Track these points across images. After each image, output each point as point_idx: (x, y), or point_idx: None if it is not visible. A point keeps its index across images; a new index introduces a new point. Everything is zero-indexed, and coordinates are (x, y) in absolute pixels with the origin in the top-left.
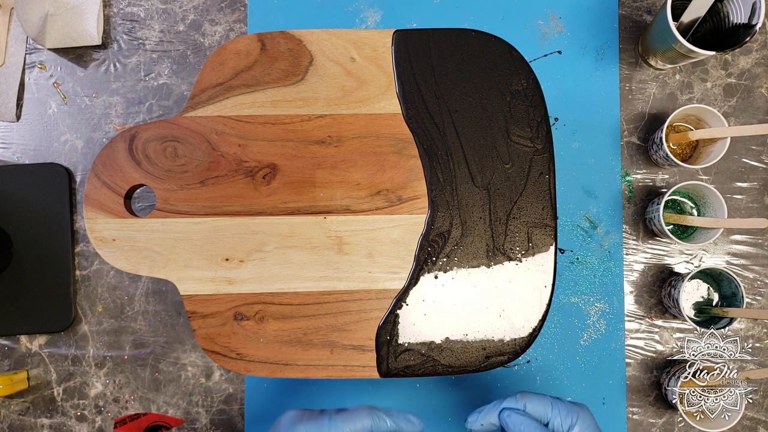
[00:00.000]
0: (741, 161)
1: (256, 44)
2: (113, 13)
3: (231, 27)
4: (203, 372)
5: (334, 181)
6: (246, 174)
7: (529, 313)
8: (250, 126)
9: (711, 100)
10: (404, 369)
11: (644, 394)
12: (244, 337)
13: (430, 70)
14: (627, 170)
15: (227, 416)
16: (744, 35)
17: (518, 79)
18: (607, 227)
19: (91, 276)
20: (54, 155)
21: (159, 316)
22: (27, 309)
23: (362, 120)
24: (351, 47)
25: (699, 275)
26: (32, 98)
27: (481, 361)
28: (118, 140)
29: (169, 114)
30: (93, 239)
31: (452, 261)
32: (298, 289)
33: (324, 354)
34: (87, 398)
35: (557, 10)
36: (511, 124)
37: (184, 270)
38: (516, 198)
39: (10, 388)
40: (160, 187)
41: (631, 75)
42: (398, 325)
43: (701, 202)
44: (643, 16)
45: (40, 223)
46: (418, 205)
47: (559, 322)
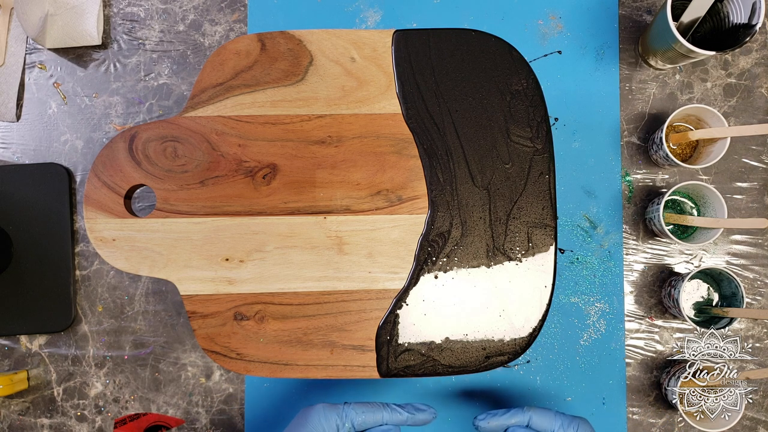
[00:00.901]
0: (741, 161)
1: (256, 44)
2: (113, 13)
3: (231, 27)
4: (203, 372)
5: (334, 181)
6: (246, 174)
7: (529, 313)
8: (250, 126)
9: (711, 100)
10: (404, 369)
11: (644, 394)
12: (244, 337)
13: (430, 70)
14: (627, 170)
15: (227, 416)
16: (744, 35)
17: (518, 79)
18: (607, 227)
19: (91, 276)
20: (54, 155)
21: (159, 316)
22: (27, 309)
23: (362, 120)
24: (351, 47)
25: (699, 275)
26: (32, 98)
27: (481, 361)
28: (118, 140)
29: (169, 114)
30: (93, 239)
31: (452, 261)
32: (298, 289)
33: (324, 354)
34: (87, 398)
35: (557, 10)
36: (511, 124)
37: (184, 270)
38: (516, 198)
39: (10, 388)
40: (160, 187)
41: (631, 75)
42: (398, 325)
43: (701, 202)
44: (643, 16)
45: (40, 223)
46: (418, 205)
47: (559, 322)
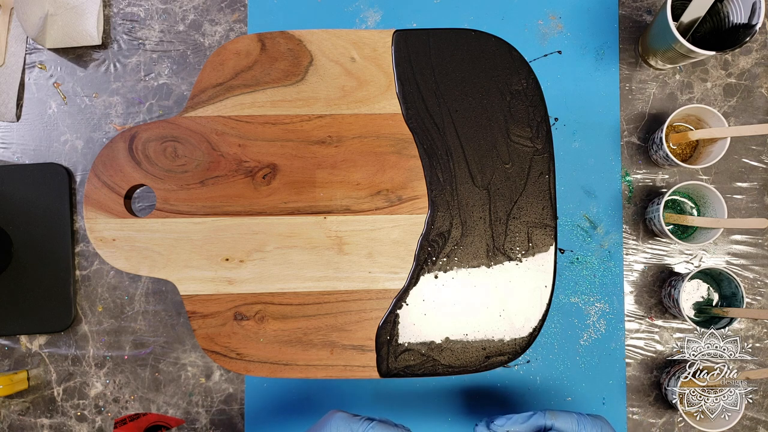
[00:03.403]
0: (741, 161)
1: (256, 44)
2: (113, 13)
3: (231, 27)
4: (203, 372)
5: (334, 181)
6: (246, 174)
7: (529, 312)
8: (250, 126)
9: (711, 100)
10: (404, 369)
11: (644, 394)
12: (244, 337)
13: (430, 70)
14: (627, 170)
15: (227, 416)
16: (744, 35)
17: (518, 79)
18: (607, 227)
19: (91, 276)
20: (54, 155)
21: (159, 316)
22: (27, 309)
23: (362, 120)
24: (351, 47)
25: (699, 275)
26: (32, 98)
27: (481, 361)
28: (118, 140)
29: (169, 114)
30: (93, 239)
31: (452, 261)
32: (298, 289)
33: (324, 354)
34: (87, 398)
35: (557, 10)
36: (511, 124)
37: (184, 270)
38: (516, 198)
39: (10, 388)
40: (160, 187)
41: (631, 75)
42: (398, 325)
43: (701, 202)
44: (643, 16)
45: (40, 223)
46: (418, 205)
47: (559, 322)
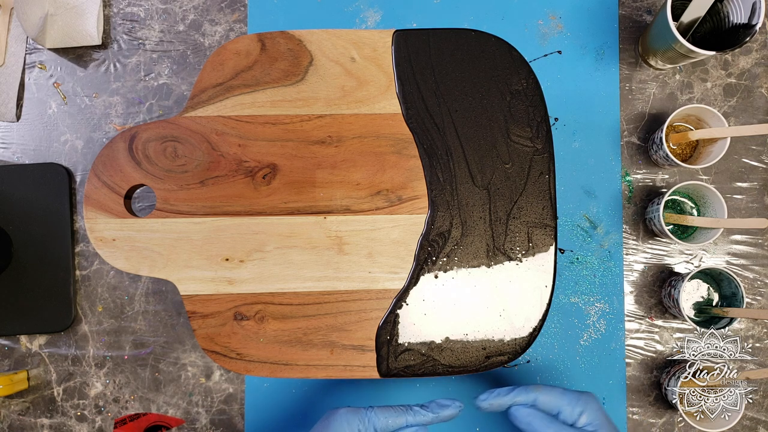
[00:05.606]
0: (741, 161)
1: (256, 44)
2: (113, 13)
3: (231, 27)
4: (203, 372)
5: (334, 181)
6: (246, 174)
7: (529, 312)
8: (250, 126)
9: (711, 100)
10: (404, 369)
11: (644, 394)
12: (244, 337)
13: (430, 70)
14: (627, 170)
15: (227, 416)
16: (744, 35)
17: (518, 79)
18: (607, 227)
19: (91, 276)
20: (54, 155)
21: (159, 316)
22: (27, 309)
23: (362, 120)
24: (351, 47)
25: (699, 275)
26: (32, 98)
27: (482, 361)
28: (118, 140)
29: (169, 114)
30: (93, 239)
31: (452, 261)
32: (298, 289)
33: (324, 354)
34: (87, 398)
35: (557, 10)
36: (511, 123)
37: (184, 270)
38: (516, 198)
39: (10, 388)
40: (160, 187)
41: (631, 75)
42: (398, 324)
43: (701, 202)
44: (643, 16)
45: (40, 223)
46: (418, 205)
47: (559, 322)
